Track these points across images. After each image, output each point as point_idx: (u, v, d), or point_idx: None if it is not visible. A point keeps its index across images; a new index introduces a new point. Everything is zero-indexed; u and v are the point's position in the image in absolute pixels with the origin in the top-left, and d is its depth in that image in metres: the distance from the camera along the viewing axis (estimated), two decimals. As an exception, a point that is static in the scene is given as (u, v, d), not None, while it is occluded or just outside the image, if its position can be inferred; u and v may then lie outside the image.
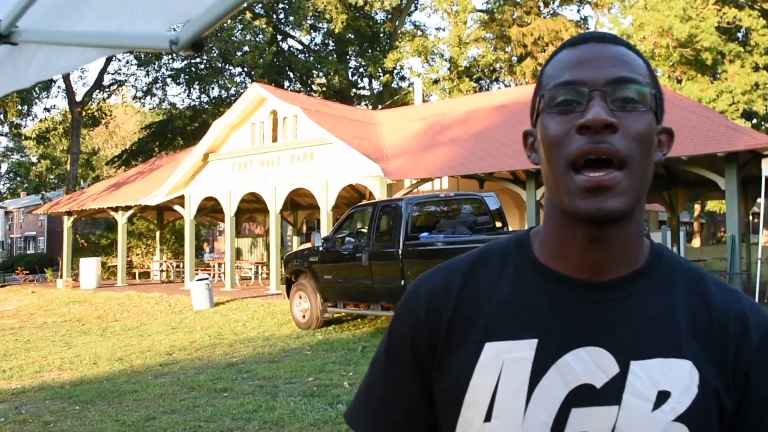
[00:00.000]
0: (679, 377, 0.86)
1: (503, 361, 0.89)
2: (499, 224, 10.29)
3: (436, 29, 52.90)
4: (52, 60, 1.07)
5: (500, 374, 0.89)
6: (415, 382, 0.97)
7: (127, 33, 0.96)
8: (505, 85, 38.31)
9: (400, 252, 9.62)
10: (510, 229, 10.70)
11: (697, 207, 41.85)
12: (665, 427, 0.84)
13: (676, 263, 0.96)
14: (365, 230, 10.65)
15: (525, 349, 0.89)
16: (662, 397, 0.85)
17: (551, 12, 37.48)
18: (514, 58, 36.90)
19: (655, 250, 0.96)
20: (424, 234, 9.69)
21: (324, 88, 36.12)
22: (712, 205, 38.00)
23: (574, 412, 0.86)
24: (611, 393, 0.86)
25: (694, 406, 0.85)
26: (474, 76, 37.81)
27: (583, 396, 0.86)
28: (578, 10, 51.77)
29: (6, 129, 34.49)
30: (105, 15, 1.00)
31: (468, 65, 37.44)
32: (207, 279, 15.47)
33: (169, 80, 33.24)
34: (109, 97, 35.70)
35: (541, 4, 36.84)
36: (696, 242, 44.37)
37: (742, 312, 0.91)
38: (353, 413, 1.04)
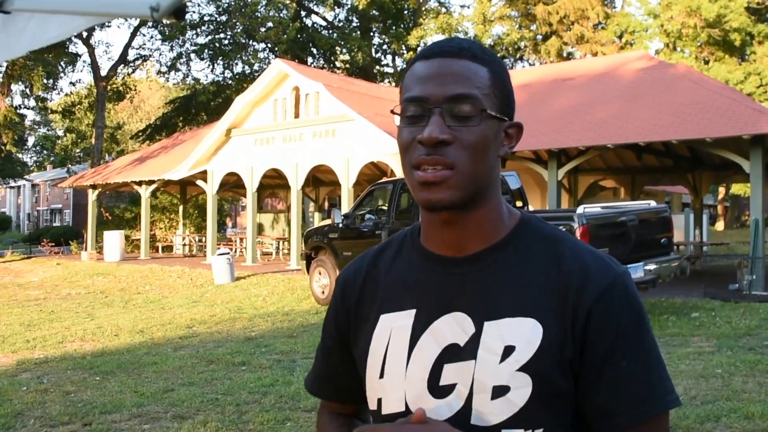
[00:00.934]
0: (523, 333, 1.00)
1: (391, 329, 1.10)
2: (519, 203, 10.20)
3: (461, 6, 52.43)
4: (43, 28, 1.06)
5: (389, 340, 1.09)
6: (341, 350, 1.20)
7: (109, 0, 0.95)
8: (530, 64, 37.83)
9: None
10: (531, 208, 10.60)
11: (722, 190, 41.28)
12: (510, 376, 0.99)
13: (539, 232, 1.09)
14: (385, 207, 10.62)
15: (406, 318, 1.08)
16: (508, 351, 1.00)
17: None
18: (539, 37, 36.39)
19: (522, 223, 1.10)
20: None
21: (347, 65, 35.96)
22: (737, 189, 37.47)
23: (446, 368, 1.03)
24: (470, 350, 1.02)
25: (536, 357, 0.99)
26: (498, 55, 37.36)
27: (451, 354, 1.04)
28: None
29: (32, 103, 34.83)
30: None
31: (492, 43, 36.99)
32: (228, 253, 15.58)
33: (193, 55, 33.25)
34: (133, 71, 35.88)
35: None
36: (720, 225, 43.85)
37: (585, 267, 1.03)
38: (307, 380, 1.31)
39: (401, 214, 10.16)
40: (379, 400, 1.10)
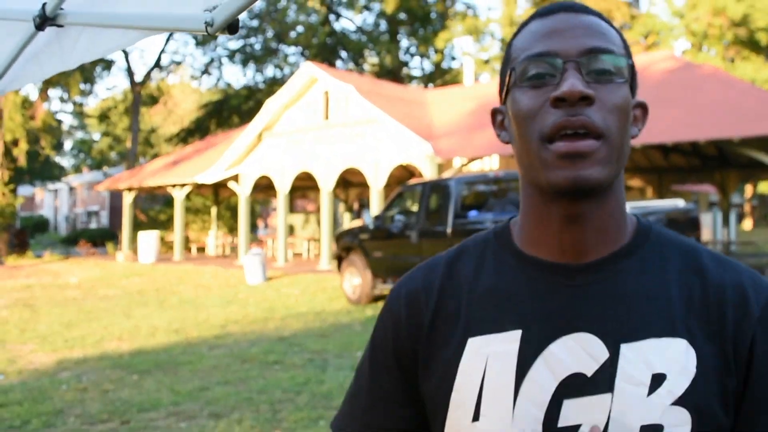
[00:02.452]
0: (674, 357, 0.80)
1: (487, 356, 0.85)
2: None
3: (488, 9, 52.27)
4: (96, 42, 1.13)
5: (485, 370, 0.85)
6: (400, 387, 0.93)
7: (164, 15, 1.01)
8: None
9: (449, 230, 9.64)
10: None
11: (749, 189, 40.61)
12: (663, 411, 0.78)
13: (667, 238, 0.90)
14: (415, 209, 10.69)
15: (508, 342, 0.84)
16: (657, 380, 0.80)
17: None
18: (566, 38, 36.20)
19: (642, 227, 0.90)
20: (473, 212, 9.69)
21: (376, 68, 36.11)
22: (765, 187, 36.83)
23: (566, 404, 0.81)
24: (603, 380, 0.80)
25: (693, 387, 0.79)
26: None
27: (574, 386, 0.81)
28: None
29: (69, 107, 35.57)
30: None
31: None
32: (260, 254, 15.77)
33: (225, 60, 33.73)
34: (167, 76, 36.44)
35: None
36: (747, 224, 43.14)
37: (740, 284, 0.85)
38: (339, 423, 1.00)
39: (430, 215, 10.23)
40: None
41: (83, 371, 7.14)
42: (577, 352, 0.82)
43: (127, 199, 25.13)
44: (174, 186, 22.90)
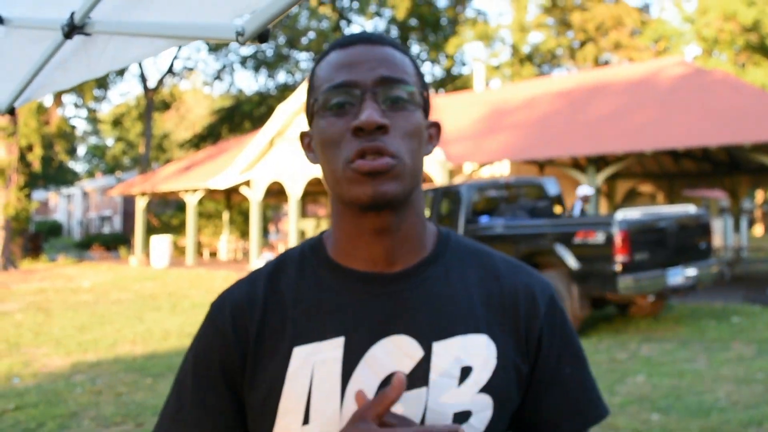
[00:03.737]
0: (478, 351, 0.92)
1: (313, 363, 0.91)
2: (558, 209, 10.20)
3: (498, 15, 52.33)
4: (124, 50, 1.15)
5: (312, 376, 0.90)
6: (225, 399, 0.96)
7: (194, 23, 1.02)
8: (567, 71, 37.60)
9: (460, 236, 9.65)
10: (568, 214, 10.58)
11: (760, 194, 40.35)
12: (471, 399, 0.90)
13: (465, 246, 1.01)
14: (426, 214, 10.70)
15: (333, 349, 0.91)
16: (465, 372, 0.90)
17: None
18: (576, 44, 36.20)
19: (442, 236, 1.01)
20: (484, 218, 9.69)
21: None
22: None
23: None
24: (419, 376, 0.89)
25: (495, 375, 0.91)
26: (535, 62, 37.28)
27: None
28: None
29: (83, 113, 35.86)
30: (173, 6, 1.06)
31: (529, 51, 36.88)
32: (271, 257, 15.81)
33: (237, 66, 33.91)
34: (180, 82, 36.70)
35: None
36: (758, 230, 42.87)
37: (529, 284, 0.99)
38: None
39: (441, 220, 10.23)
40: None
41: (97, 374, 7.17)
42: (394, 352, 0.90)
43: (140, 203, 25.27)
44: (186, 191, 23.03)
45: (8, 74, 1.42)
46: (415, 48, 38.80)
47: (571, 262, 8.30)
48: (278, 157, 19.56)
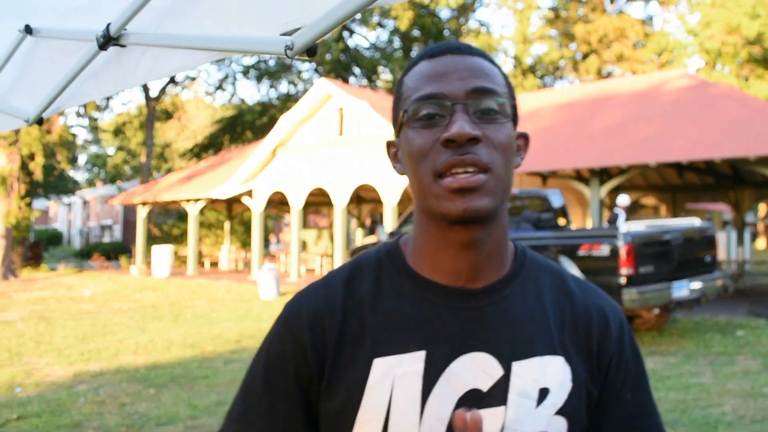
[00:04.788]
0: (555, 373, 0.92)
1: (394, 376, 0.90)
2: (562, 221, 10.19)
3: (501, 26, 52.54)
4: (160, 62, 1.14)
5: (392, 390, 0.90)
6: (297, 407, 0.94)
7: (241, 37, 1.00)
8: (570, 83, 37.74)
9: (464, 247, 9.63)
10: (573, 227, 10.57)
11: (764, 207, 40.37)
12: (547, 421, 0.90)
13: (539, 263, 1.01)
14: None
15: (414, 363, 0.90)
16: (543, 393, 0.91)
17: (617, 10, 36.73)
18: (579, 56, 36.33)
19: (519, 252, 1.00)
20: (488, 229, 9.67)
21: (390, 84, 36.32)
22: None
23: None
24: (497, 395, 0.90)
25: (570, 398, 0.92)
26: (538, 74, 37.41)
27: (471, 400, 0.89)
28: (644, 8, 50.35)
29: (85, 122, 35.90)
30: (214, 19, 1.04)
31: (532, 63, 37.01)
32: (274, 269, 15.81)
33: (239, 76, 34.00)
34: (182, 91, 36.76)
35: (606, 1, 36.16)
36: (762, 243, 42.88)
37: (602, 307, 0.99)
38: None
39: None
40: None
41: (100, 384, 7.15)
42: (474, 370, 0.90)
43: (141, 213, 25.27)
44: (188, 200, 23.03)
45: (36, 84, 1.41)
46: (418, 59, 38.87)
47: (576, 274, 8.28)
48: (280, 167, 19.58)
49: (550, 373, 0.92)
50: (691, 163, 13.23)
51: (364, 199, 23.68)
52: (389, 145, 1.02)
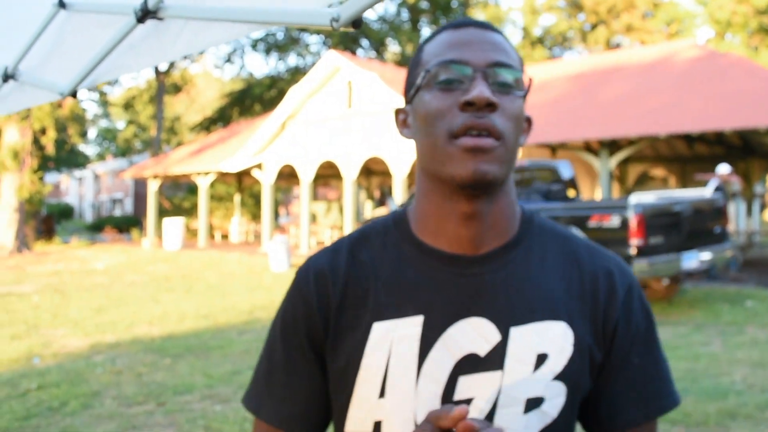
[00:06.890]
0: (554, 339, 0.93)
1: (392, 339, 0.93)
2: (572, 193, 10.20)
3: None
4: (199, 35, 1.14)
5: (390, 352, 0.93)
6: (313, 364, 0.99)
7: (284, 9, 1.02)
8: (578, 53, 37.41)
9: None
10: (582, 198, 10.57)
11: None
12: (545, 386, 0.91)
13: (546, 229, 1.02)
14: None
15: (412, 326, 0.93)
16: (541, 359, 0.92)
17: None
18: (587, 27, 35.97)
19: (526, 218, 1.01)
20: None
21: (398, 57, 36.10)
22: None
23: (461, 380, 0.91)
24: (495, 359, 0.91)
25: (570, 364, 0.93)
26: (546, 45, 37.08)
27: (468, 365, 0.91)
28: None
29: (95, 96, 35.90)
30: None
31: (541, 33, 36.66)
32: (284, 241, 15.89)
33: (248, 49, 33.85)
34: (191, 65, 36.65)
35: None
36: (770, 214, 42.66)
37: (609, 270, 0.99)
38: (255, 400, 1.04)
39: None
40: (378, 424, 0.94)
41: (117, 355, 7.25)
42: (471, 334, 0.92)
43: (152, 186, 25.37)
44: (198, 174, 23.10)
45: (69, 58, 1.44)
46: (426, 31, 38.58)
47: None
48: (290, 140, 19.58)
49: (549, 339, 0.92)
50: (701, 135, 13.17)
51: (373, 171, 23.68)
52: (398, 111, 1.04)
